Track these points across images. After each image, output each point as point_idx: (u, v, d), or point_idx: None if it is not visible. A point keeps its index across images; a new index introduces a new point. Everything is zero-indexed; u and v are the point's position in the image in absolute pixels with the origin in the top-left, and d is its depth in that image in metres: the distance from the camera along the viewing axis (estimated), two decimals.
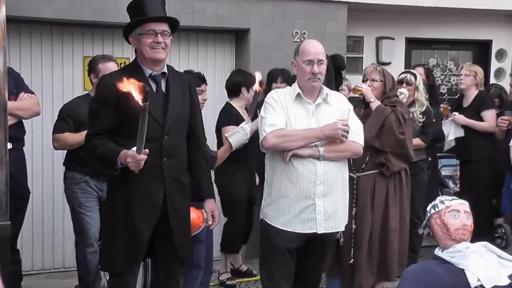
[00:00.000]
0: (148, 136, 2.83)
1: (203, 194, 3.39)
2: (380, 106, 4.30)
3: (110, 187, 3.29)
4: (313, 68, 3.40)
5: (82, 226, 4.36)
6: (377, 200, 4.25)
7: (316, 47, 3.45)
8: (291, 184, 3.37)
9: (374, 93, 4.40)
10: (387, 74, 4.45)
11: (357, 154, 3.54)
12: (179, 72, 3.59)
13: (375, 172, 4.26)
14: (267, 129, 3.36)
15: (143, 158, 2.91)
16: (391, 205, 4.27)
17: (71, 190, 4.41)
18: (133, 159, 2.92)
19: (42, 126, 5.45)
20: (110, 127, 3.11)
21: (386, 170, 4.25)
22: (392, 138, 4.24)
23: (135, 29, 3.16)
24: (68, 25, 5.54)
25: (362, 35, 6.98)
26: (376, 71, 4.45)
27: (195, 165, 3.35)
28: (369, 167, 4.26)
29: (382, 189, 4.27)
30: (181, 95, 3.26)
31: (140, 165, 2.94)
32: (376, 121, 4.24)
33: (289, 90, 3.54)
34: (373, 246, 4.25)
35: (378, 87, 4.42)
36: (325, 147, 3.36)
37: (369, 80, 4.45)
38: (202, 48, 6.07)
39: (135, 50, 3.23)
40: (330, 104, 3.50)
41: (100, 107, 3.11)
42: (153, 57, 3.14)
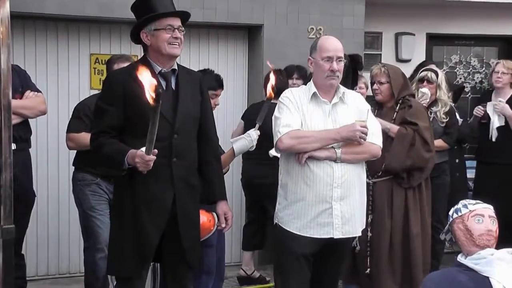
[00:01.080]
0: (158, 135, 2.83)
1: (215, 196, 3.40)
2: (401, 132, 4.26)
3: (116, 188, 3.30)
4: (332, 65, 3.40)
5: (92, 230, 4.38)
6: (396, 207, 4.24)
7: (335, 43, 3.46)
8: (307, 187, 3.38)
9: (383, 96, 4.40)
10: (393, 74, 4.40)
11: (376, 156, 3.53)
12: (189, 69, 3.60)
13: (392, 178, 4.26)
14: (282, 130, 3.37)
15: (152, 159, 2.92)
16: (412, 210, 4.26)
17: (82, 192, 4.42)
18: (142, 160, 2.92)
19: (47, 125, 5.49)
20: (117, 126, 3.12)
21: (406, 183, 4.25)
22: (420, 159, 4.25)
23: (149, 24, 3.17)
24: (74, 21, 5.57)
25: (381, 31, 6.95)
26: (381, 72, 4.43)
27: (206, 166, 3.36)
28: (386, 174, 4.26)
29: (401, 195, 4.26)
30: (192, 93, 3.28)
31: (149, 166, 2.95)
32: (400, 149, 4.23)
33: (304, 89, 3.55)
34: (395, 254, 4.23)
35: (385, 90, 4.40)
36: (342, 148, 3.38)
37: (376, 83, 4.44)
38: (213, 45, 6.08)
39: (145, 47, 3.25)
40: (347, 103, 3.51)
41: (107, 105, 3.13)
42: (171, 53, 3.16)
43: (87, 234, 4.46)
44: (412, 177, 4.26)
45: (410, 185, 4.25)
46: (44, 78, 5.51)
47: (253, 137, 3.99)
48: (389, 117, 4.37)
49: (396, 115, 4.36)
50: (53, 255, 5.66)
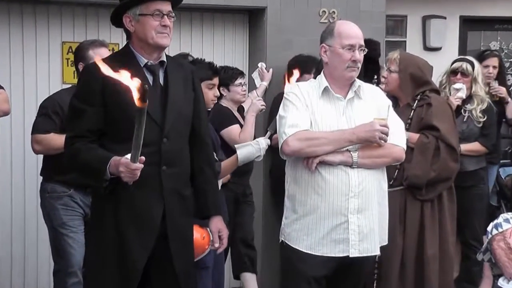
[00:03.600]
0: (144, 139, 2.85)
1: (209, 211, 3.47)
2: (421, 141, 4.31)
3: (95, 202, 3.36)
4: (355, 54, 3.46)
5: (63, 251, 4.40)
6: (410, 222, 4.31)
7: (356, 30, 3.53)
8: (319, 198, 3.43)
9: (390, 87, 4.47)
10: (405, 64, 4.45)
11: (399, 160, 3.60)
12: (180, 61, 3.67)
13: (405, 188, 4.33)
14: (288, 131, 3.42)
15: (139, 168, 2.95)
16: (428, 227, 4.31)
17: (51, 206, 4.44)
18: (127, 169, 2.95)
19: (11, 127, 5.53)
20: (96, 129, 3.18)
21: (423, 194, 4.30)
22: (446, 170, 4.32)
23: (133, 8, 3.22)
24: (42, 3, 5.60)
25: (405, 14, 7.02)
26: (392, 59, 4.50)
27: (199, 174, 3.43)
28: (399, 183, 4.33)
29: (416, 208, 4.33)
30: (183, 89, 3.34)
31: (136, 176, 3.00)
32: (422, 161, 4.29)
33: (314, 83, 3.61)
34: (406, 278, 4.27)
35: (392, 81, 4.46)
36: (359, 152, 3.43)
37: (387, 70, 4.52)
38: (207, 32, 6.15)
39: (128, 34, 3.31)
40: (364, 99, 3.56)
41: (84, 104, 3.17)
42: (159, 43, 3.22)
43: (58, 255, 4.47)
44: (433, 188, 4.32)
45: (427, 197, 4.32)
46: (7, 70, 5.55)
47: (261, 146, 4.06)
48: (405, 116, 4.41)
49: (413, 113, 4.42)
50: (18, 279, 5.69)
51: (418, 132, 4.37)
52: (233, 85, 5.40)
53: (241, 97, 5.48)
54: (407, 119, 4.37)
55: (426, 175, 4.26)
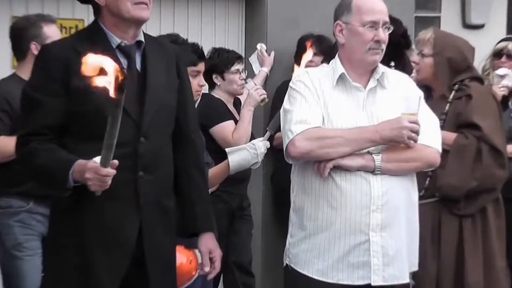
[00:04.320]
0: (117, 139, 2.85)
1: (198, 226, 3.47)
2: (459, 143, 4.32)
3: (55, 215, 3.36)
4: (378, 33, 3.47)
5: (16, 277, 4.43)
6: (446, 243, 4.32)
7: (379, 3, 3.54)
8: (333, 212, 3.42)
9: (423, 74, 4.49)
10: (442, 45, 4.47)
11: (432, 165, 3.60)
12: (161, 40, 3.66)
13: (439, 200, 4.34)
14: (295, 129, 3.42)
15: (110, 173, 2.95)
16: (469, 249, 4.32)
17: (5, 224, 4.46)
18: (96, 175, 2.95)
19: None
20: (56, 124, 3.18)
21: (461, 208, 4.32)
22: (490, 179, 4.33)
23: None
24: None
25: None
26: (426, 40, 4.51)
27: (186, 181, 3.44)
28: (431, 194, 4.34)
29: (453, 225, 4.34)
30: (165, 76, 3.35)
31: (106, 184, 2.99)
32: (460, 167, 4.30)
33: (327, 70, 3.61)
34: None
35: (425, 67, 4.49)
36: (383, 154, 3.43)
37: (419, 54, 4.53)
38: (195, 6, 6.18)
39: (96, 8, 3.30)
40: (388, 88, 3.57)
41: (40, 94, 3.17)
42: (136, 16, 3.21)
43: (8, 282, 4.50)
44: (474, 200, 4.33)
45: (467, 211, 4.33)
46: None
47: (259, 150, 4.06)
48: (438, 110, 4.40)
49: (449, 107, 4.44)
50: None
51: (455, 130, 4.38)
52: (229, 72, 5.41)
53: (238, 88, 5.49)
54: (441, 114, 4.38)
55: (465, 184, 4.28)
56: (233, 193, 5.36)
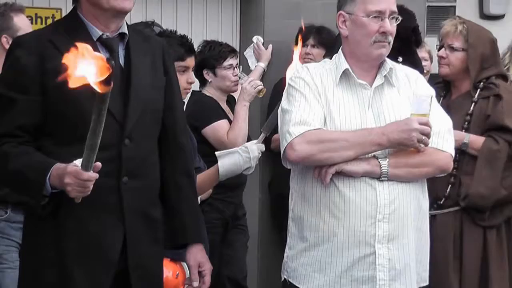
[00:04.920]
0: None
1: (186, 237, 3.49)
2: (488, 148, 4.34)
3: (29, 227, 3.36)
4: (384, 24, 3.49)
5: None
6: (469, 256, 4.35)
7: None
8: (336, 221, 3.45)
9: (452, 70, 4.50)
10: (476, 37, 4.49)
11: (444, 170, 3.62)
12: (146, 33, 3.69)
13: (461, 209, 4.37)
14: (294, 131, 3.44)
15: (92, 178, 2.96)
16: (494, 262, 4.35)
17: None
18: (77, 179, 2.95)
19: None
20: (32, 125, 3.19)
21: (486, 219, 4.35)
22: None
23: None
24: None
25: None
26: (456, 32, 4.53)
27: (174, 189, 3.46)
28: (453, 202, 4.38)
29: (476, 237, 4.37)
30: (151, 72, 3.37)
31: (88, 189, 3.00)
32: (489, 175, 4.34)
33: (329, 65, 3.63)
34: None
35: (456, 62, 4.51)
36: (390, 159, 3.45)
37: (446, 47, 4.54)
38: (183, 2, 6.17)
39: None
40: (397, 86, 3.59)
41: (13, 91, 3.18)
42: (117, 6, 3.21)
43: None
44: (499, 211, 4.37)
45: (492, 222, 4.36)
46: None
47: (252, 154, 4.04)
48: (462, 110, 4.46)
49: (474, 107, 4.47)
50: None
51: (482, 134, 4.41)
52: (222, 68, 5.42)
53: (231, 85, 5.49)
54: (466, 115, 4.45)
55: (494, 194, 4.32)
56: (226, 201, 5.37)
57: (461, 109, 4.42)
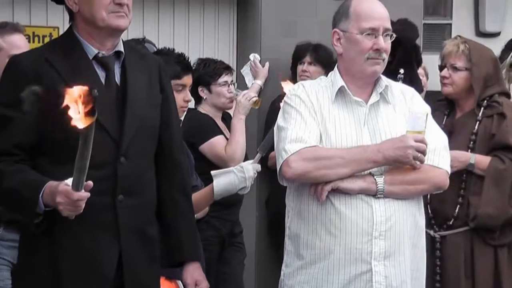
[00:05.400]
0: (94, 158, 2.87)
1: (183, 255, 3.49)
2: (494, 168, 4.35)
3: (24, 244, 3.35)
4: (378, 41, 3.49)
5: None
6: (481, 276, 4.34)
7: (379, 8, 3.56)
8: (332, 239, 3.44)
9: (455, 89, 4.50)
10: (478, 57, 4.50)
11: (440, 188, 3.61)
12: (142, 50, 3.70)
13: (471, 229, 4.37)
14: (290, 148, 3.43)
15: (83, 197, 2.96)
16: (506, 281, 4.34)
17: None
18: (68, 199, 2.95)
19: None
20: (27, 144, 3.20)
21: (496, 238, 4.35)
22: None
23: None
24: None
25: None
26: (458, 51, 4.54)
27: (170, 206, 3.46)
28: (462, 222, 4.37)
29: (488, 256, 4.37)
30: (147, 90, 3.37)
31: (79, 208, 3.00)
32: (497, 195, 4.34)
33: (325, 82, 3.64)
34: None
35: (460, 81, 4.51)
36: (386, 176, 3.44)
37: (448, 67, 4.54)
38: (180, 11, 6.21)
39: (71, 15, 3.33)
40: (393, 103, 3.59)
41: (10, 109, 3.17)
42: (112, 25, 3.23)
43: None
44: (510, 230, 4.37)
45: (503, 241, 4.37)
46: None
47: (247, 174, 4.04)
48: (467, 129, 4.47)
49: (479, 126, 4.47)
50: None
51: (488, 153, 4.42)
52: (216, 85, 5.43)
53: (226, 102, 5.49)
54: (471, 134, 4.45)
55: (503, 213, 4.31)
56: (223, 218, 5.36)
57: (466, 128, 4.43)
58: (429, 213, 4.42)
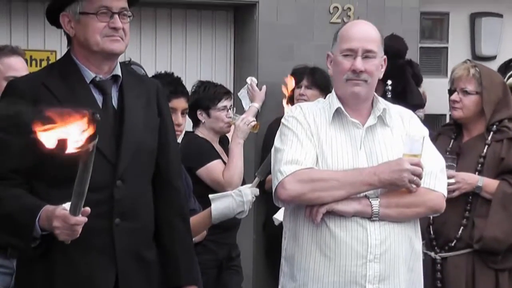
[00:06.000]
0: (91, 182, 2.85)
1: (180, 279, 3.48)
2: (502, 191, 4.36)
3: (21, 270, 3.36)
4: (355, 62, 3.49)
5: None
6: None
7: (363, 30, 3.57)
8: (327, 261, 3.43)
9: (466, 113, 4.52)
10: (489, 81, 4.52)
11: (437, 211, 3.61)
12: (139, 74, 3.70)
13: (473, 252, 4.37)
14: (286, 170, 3.45)
15: (80, 222, 2.96)
16: None
17: None
18: (65, 223, 2.96)
19: None
20: (24, 168, 3.20)
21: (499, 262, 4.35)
22: None
23: (72, 3, 3.25)
24: None
25: (447, 11, 7.08)
26: (468, 75, 4.54)
27: (168, 230, 3.45)
28: (464, 244, 4.37)
29: (489, 280, 4.36)
30: (145, 114, 3.38)
31: (76, 233, 3.00)
32: (504, 219, 4.35)
33: (322, 104, 3.65)
34: None
35: (470, 105, 4.52)
36: (382, 199, 3.44)
37: (459, 91, 4.55)
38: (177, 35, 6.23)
39: (69, 39, 3.35)
40: (391, 126, 3.60)
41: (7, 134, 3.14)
42: (107, 49, 3.25)
43: None
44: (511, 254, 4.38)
45: (505, 266, 4.37)
46: None
47: (246, 198, 4.02)
48: (475, 152, 4.48)
49: (488, 150, 4.48)
50: None
51: (495, 177, 4.43)
52: (215, 109, 5.42)
53: (224, 126, 5.48)
54: (479, 157, 4.46)
55: (509, 237, 4.33)
56: (220, 242, 5.33)
57: (474, 151, 4.45)
58: (431, 234, 4.45)
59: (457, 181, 4.32)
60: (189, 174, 4.52)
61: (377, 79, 3.59)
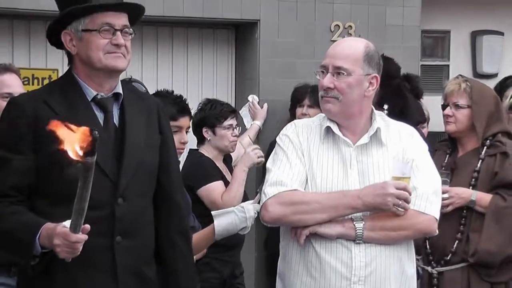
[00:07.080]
0: (91, 199, 2.86)
1: None
2: (495, 205, 4.37)
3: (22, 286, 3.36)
4: (323, 79, 3.50)
5: None
6: None
7: (342, 47, 3.56)
8: (312, 281, 3.45)
9: (458, 127, 4.55)
10: (479, 95, 4.54)
11: (426, 234, 3.64)
12: (142, 92, 3.70)
13: (468, 266, 4.38)
14: (269, 191, 3.46)
15: (81, 240, 2.96)
16: None
17: None
18: (65, 241, 2.95)
19: None
20: (25, 185, 3.21)
21: (493, 275, 4.35)
22: None
23: (74, 22, 3.27)
24: None
25: (448, 29, 7.11)
26: (459, 90, 4.58)
27: (169, 248, 3.46)
28: (460, 258, 4.39)
29: None
30: (146, 132, 3.41)
31: (77, 251, 3.00)
32: (497, 232, 4.36)
33: (316, 121, 3.66)
34: None
35: (462, 118, 4.56)
36: (366, 222, 3.41)
37: (451, 105, 4.58)
38: (179, 53, 6.28)
39: (70, 57, 3.38)
40: (388, 145, 3.56)
41: (8, 151, 3.19)
42: (109, 66, 3.27)
43: None
44: (506, 268, 4.38)
45: (500, 279, 4.38)
46: None
47: (248, 214, 4.07)
48: (470, 167, 4.52)
49: (481, 164, 4.50)
50: None
51: (489, 191, 4.45)
52: (221, 127, 5.43)
53: (229, 145, 5.49)
54: (473, 171, 4.49)
55: (503, 251, 4.34)
56: (224, 260, 5.33)
57: (468, 166, 4.49)
58: (427, 248, 4.48)
59: (450, 196, 4.38)
60: (189, 193, 4.53)
61: (361, 97, 3.50)
